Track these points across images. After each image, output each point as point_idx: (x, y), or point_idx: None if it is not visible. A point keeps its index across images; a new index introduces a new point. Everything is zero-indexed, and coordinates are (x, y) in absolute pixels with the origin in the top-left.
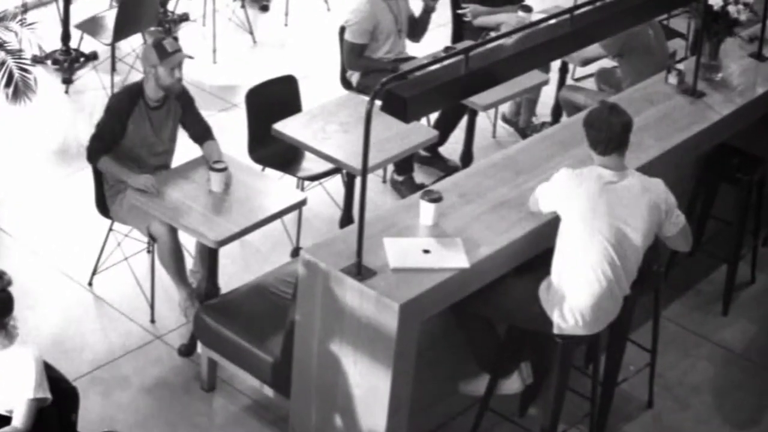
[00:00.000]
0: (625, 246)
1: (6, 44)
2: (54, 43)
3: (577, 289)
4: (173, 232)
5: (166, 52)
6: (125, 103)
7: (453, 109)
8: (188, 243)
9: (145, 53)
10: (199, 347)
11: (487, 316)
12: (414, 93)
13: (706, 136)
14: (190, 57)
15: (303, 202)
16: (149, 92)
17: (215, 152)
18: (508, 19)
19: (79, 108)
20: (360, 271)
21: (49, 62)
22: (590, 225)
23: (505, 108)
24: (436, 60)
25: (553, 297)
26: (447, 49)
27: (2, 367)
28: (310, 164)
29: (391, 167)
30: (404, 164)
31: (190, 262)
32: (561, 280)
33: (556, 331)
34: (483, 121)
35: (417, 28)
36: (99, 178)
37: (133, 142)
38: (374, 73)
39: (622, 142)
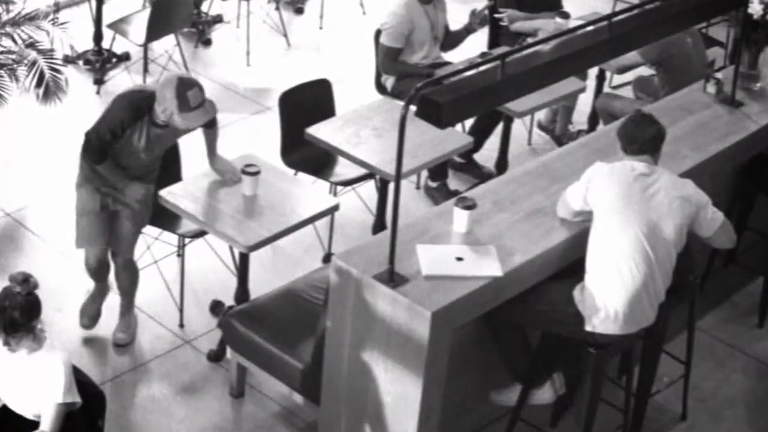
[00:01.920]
0: (658, 238)
1: (37, 44)
2: (86, 43)
3: (611, 284)
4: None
5: (188, 105)
6: (129, 115)
7: (488, 115)
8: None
9: (164, 93)
10: (229, 353)
11: (520, 322)
12: (449, 99)
13: (743, 146)
14: (214, 113)
15: (335, 208)
16: (158, 112)
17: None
18: (545, 25)
19: None
20: (392, 278)
21: (80, 62)
22: (623, 215)
23: (541, 115)
24: (471, 65)
25: (588, 296)
26: (483, 54)
27: (31, 371)
28: (344, 169)
29: (425, 173)
30: (438, 170)
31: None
32: (595, 277)
33: (589, 328)
34: (519, 128)
35: (450, 40)
36: None
37: (121, 151)
38: (409, 78)
39: (654, 148)
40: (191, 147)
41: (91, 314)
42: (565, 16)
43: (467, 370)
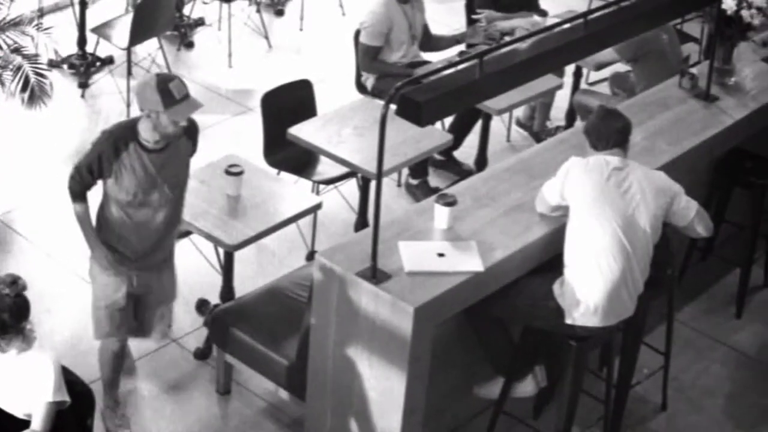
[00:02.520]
0: (634, 230)
1: (22, 49)
2: (70, 48)
3: (590, 277)
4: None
5: (173, 98)
6: (109, 145)
7: (468, 113)
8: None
9: (145, 94)
10: (215, 350)
11: (502, 317)
12: (429, 97)
13: (719, 140)
14: (200, 105)
15: (318, 206)
16: (144, 133)
17: None
18: (522, 23)
19: (95, 112)
20: (375, 275)
21: (65, 66)
22: (599, 209)
23: (520, 112)
24: (450, 64)
25: (567, 289)
26: (461, 53)
27: (21, 371)
28: (326, 168)
29: (405, 171)
30: (419, 168)
31: (206, 273)
32: (574, 271)
33: (569, 321)
34: (497, 125)
35: (434, 43)
36: None
37: (122, 191)
38: (389, 78)
39: (623, 140)
40: None
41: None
42: (542, 14)
43: (450, 365)
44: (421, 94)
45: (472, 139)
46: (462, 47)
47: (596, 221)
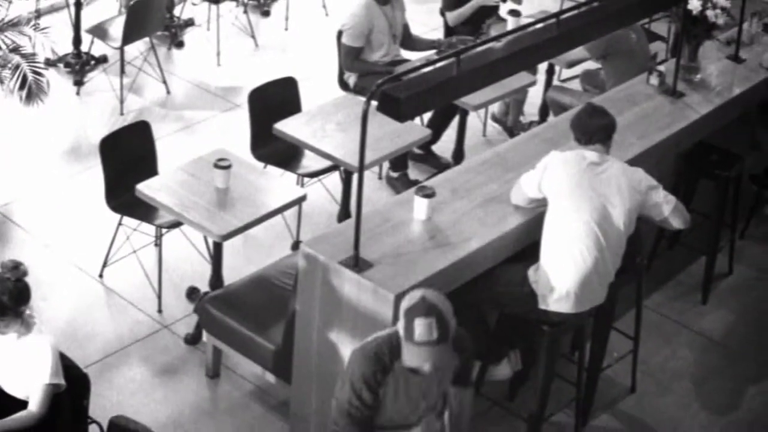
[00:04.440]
0: (608, 223)
1: (20, 48)
2: (66, 47)
3: (564, 265)
4: None
5: (411, 335)
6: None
7: (445, 109)
8: (196, 240)
9: (402, 309)
10: (205, 336)
11: (478, 303)
12: (408, 94)
13: (685, 134)
14: (451, 363)
15: (303, 198)
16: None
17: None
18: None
19: (89, 109)
20: (357, 263)
21: (61, 65)
22: (575, 202)
23: (495, 108)
24: (429, 62)
25: (542, 276)
26: (439, 52)
27: (20, 355)
28: (310, 162)
29: (386, 164)
30: (399, 161)
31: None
32: (549, 258)
33: (542, 306)
34: (474, 120)
35: (413, 44)
36: (109, 175)
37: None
38: (370, 75)
39: (606, 137)
40: (166, 144)
41: None
42: (516, 14)
43: None
44: (401, 91)
45: (450, 133)
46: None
47: (572, 213)
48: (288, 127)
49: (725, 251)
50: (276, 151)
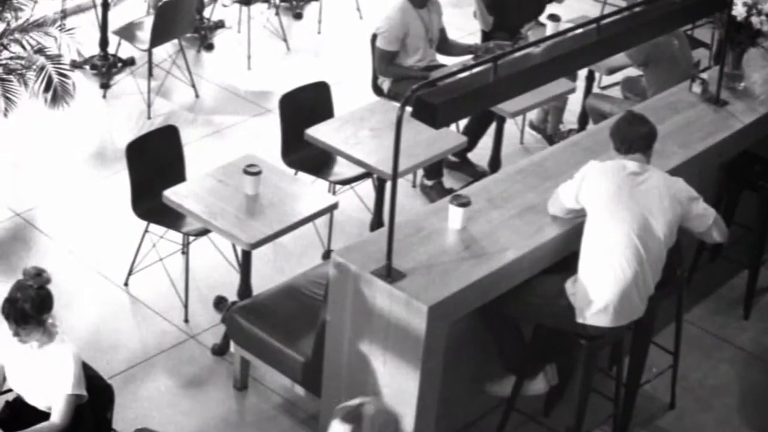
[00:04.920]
0: (649, 235)
1: (46, 49)
2: (92, 49)
3: (603, 278)
4: None
5: None
6: None
7: (482, 115)
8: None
9: None
10: (232, 347)
11: (514, 315)
12: (444, 100)
13: (728, 143)
14: None
15: (334, 206)
16: None
17: None
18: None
19: (116, 112)
20: (390, 274)
21: (87, 67)
22: (615, 212)
23: (533, 115)
24: (465, 68)
25: (580, 288)
26: (476, 57)
27: (42, 364)
28: (342, 169)
29: (420, 172)
30: (434, 169)
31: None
32: (587, 270)
33: (580, 320)
34: (511, 127)
35: (449, 49)
36: (135, 180)
37: None
38: (405, 80)
39: (646, 146)
40: (194, 150)
41: None
42: (556, 19)
43: (463, 363)
44: (437, 96)
45: (486, 141)
46: None
47: (612, 224)
48: (320, 132)
49: None
50: (307, 157)
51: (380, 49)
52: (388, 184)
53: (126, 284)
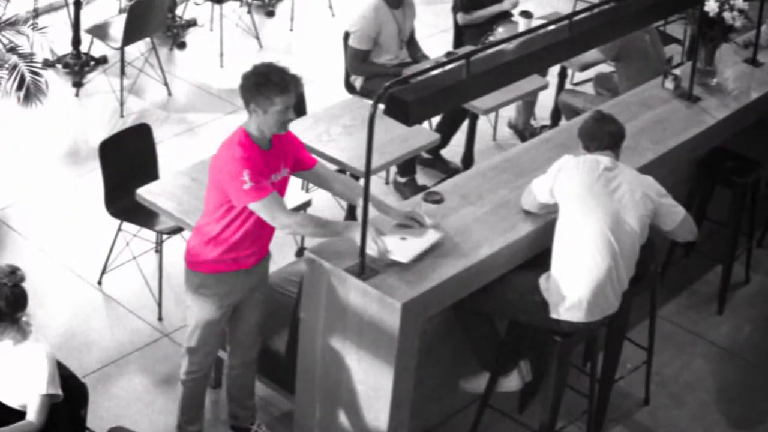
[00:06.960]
0: (622, 230)
1: (18, 48)
2: (65, 47)
3: (576, 273)
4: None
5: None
6: None
7: (454, 112)
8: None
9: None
10: None
11: (488, 311)
12: (416, 97)
13: (701, 139)
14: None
15: (308, 203)
16: None
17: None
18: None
19: (89, 111)
20: (363, 270)
21: (59, 66)
22: (589, 207)
23: (512, 113)
24: (438, 65)
25: (554, 285)
26: (449, 54)
27: (16, 363)
28: None
29: (393, 169)
30: (407, 166)
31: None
32: (561, 266)
33: (554, 316)
34: (484, 124)
35: (411, 51)
36: (108, 179)
37: None
38: (378, 78)
39: (615, 144)
40: (167, 148)
41: None
42: (528, 15)
43: (437, 360)
44: (409, 93)
45: (459, 138)
46: (449, 48)
47: (585, 219)
48: (293, 130)
49: (742, 260)
50: None
51: (352, 47)
52: (361, 181)
53: (99, 283)
